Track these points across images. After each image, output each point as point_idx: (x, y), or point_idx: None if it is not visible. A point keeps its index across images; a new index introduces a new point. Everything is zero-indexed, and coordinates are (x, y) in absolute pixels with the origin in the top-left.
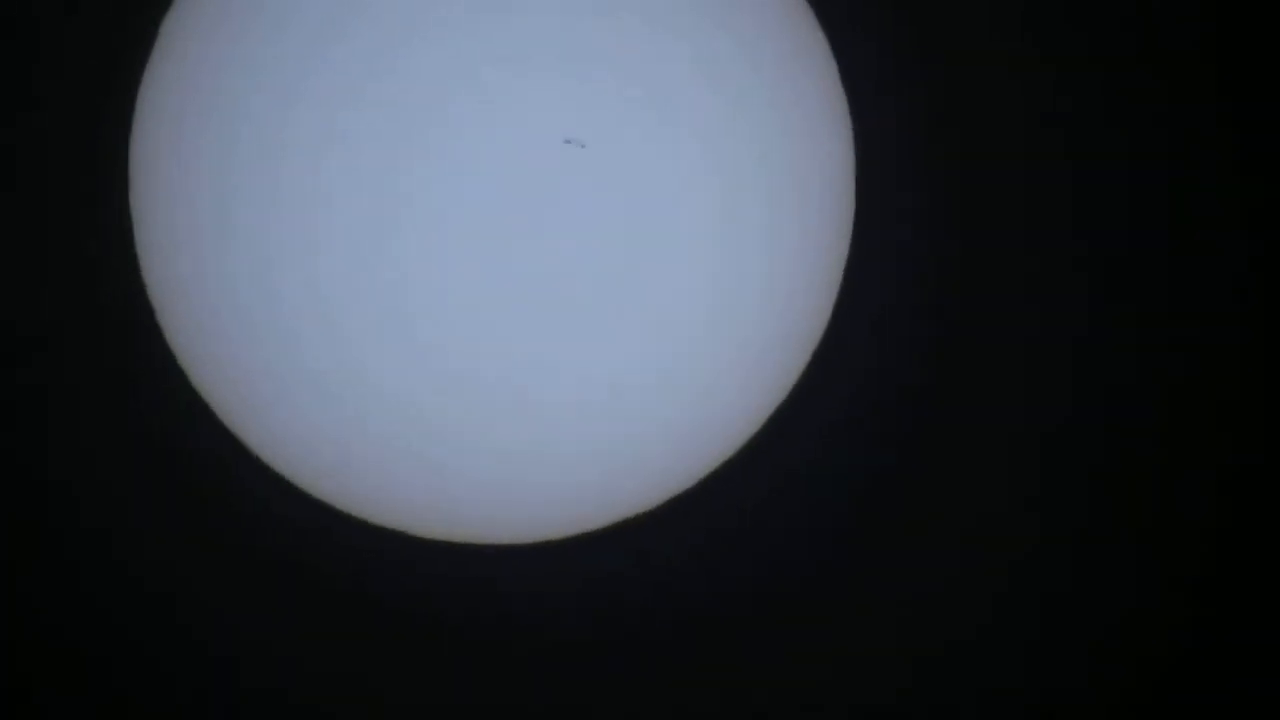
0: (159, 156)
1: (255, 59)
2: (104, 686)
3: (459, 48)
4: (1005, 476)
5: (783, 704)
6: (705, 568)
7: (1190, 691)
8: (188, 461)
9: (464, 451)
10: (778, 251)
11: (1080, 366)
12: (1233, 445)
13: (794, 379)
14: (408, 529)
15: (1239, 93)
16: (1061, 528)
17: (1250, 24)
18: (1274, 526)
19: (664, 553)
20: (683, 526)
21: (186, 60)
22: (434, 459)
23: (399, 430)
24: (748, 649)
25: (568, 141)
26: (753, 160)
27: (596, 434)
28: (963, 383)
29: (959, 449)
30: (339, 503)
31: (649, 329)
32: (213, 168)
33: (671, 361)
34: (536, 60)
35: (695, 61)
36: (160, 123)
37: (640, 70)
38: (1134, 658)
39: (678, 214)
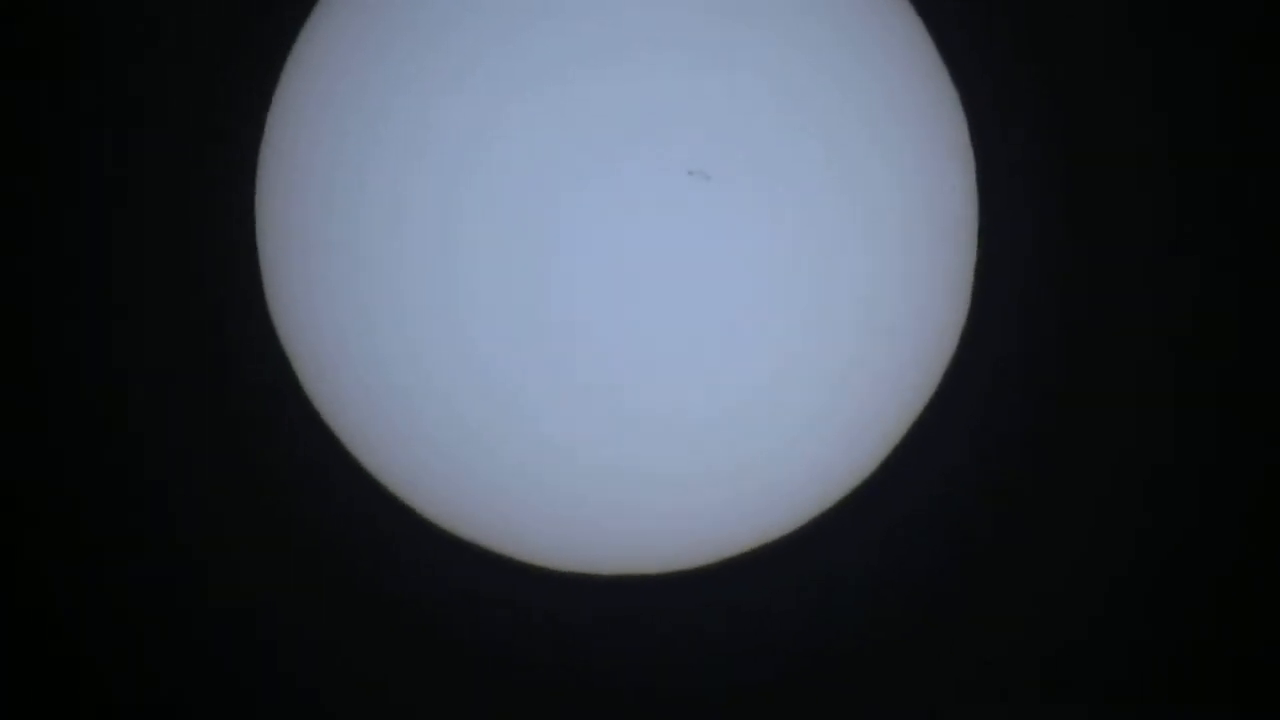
0: (288, 170)
1: (383, 84)
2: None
3: (582, 87)
4: (1137, 500)
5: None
6: (828, 599)
7: None
8: (319, 501)
9: (589, 480)
10: (906, 276)
11: (1213, 374)
12: None
13: (916, 413)
14: (516, 555)
15: None
16: (1202, 557)
17: None
18: None
19: (792, 585)
20: (806, 560)
21: (318, 76)
22: (553, 489)
23: (526, 460)
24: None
25: (692, 173)
26: (876, 185)
27: (721, 463)
28: (1096, 402)
29: (1084, 478)
30: (477, 539)
31: (773, 361)
32: (341, 180)
33: (797, 391)
34: (660, 97)
35: (816, 95)
36: (290, 135)
37: (758, 102)
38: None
39: (804, 242)
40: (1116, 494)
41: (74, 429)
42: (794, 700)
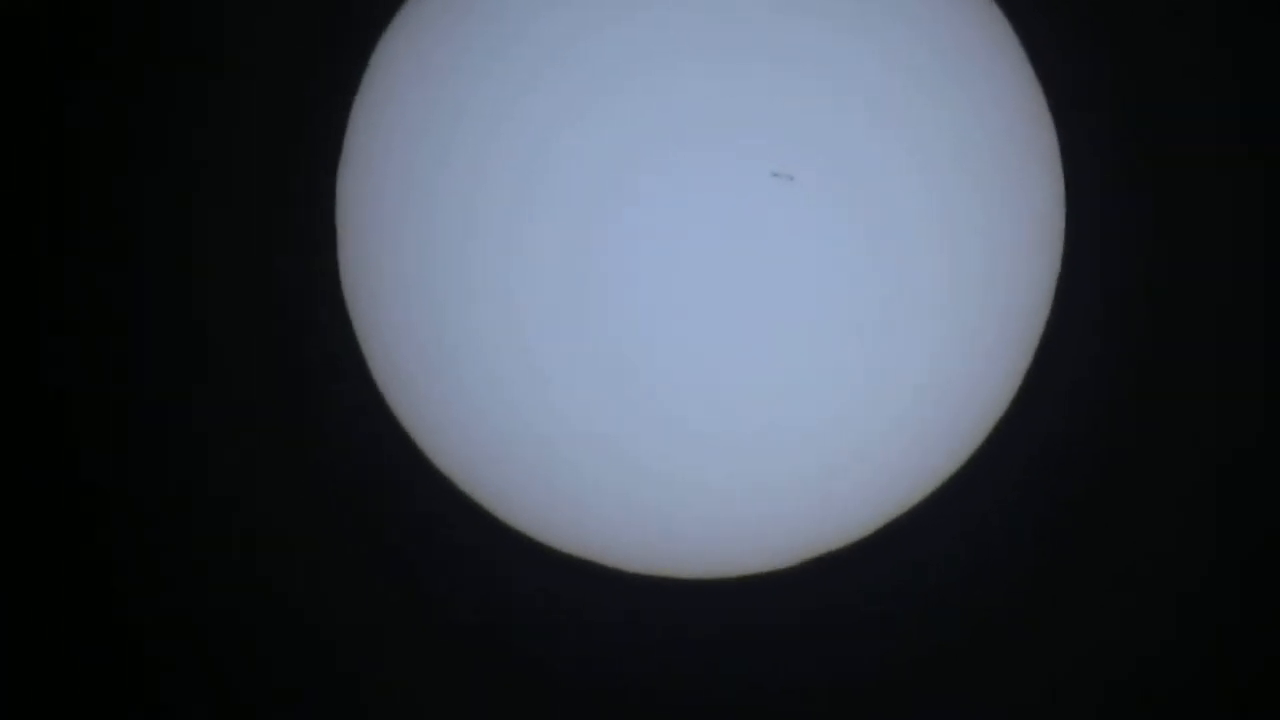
0: (366, 182)
1: (460, 101)
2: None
3: (662, 92)
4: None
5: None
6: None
7: None
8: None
9: (660, 485)
10: (988, 281)
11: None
12: None
13: (994, 420)
14: (593, 557)
15: None
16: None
17: None
18: None
19: (864, 591)
20: (872, 567)
21: (392, 105)
22: (628, 493)
23: (599, 464)
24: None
25: (775, 174)
26: (959, 195)
27: (793, 469)
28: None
29: (1161, 489)
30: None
31: (853, 364)
32: (419, 207)
33: (877, 395)
34: (746, 97)
35: (903, 99)
36: (368, 147)
37: (844, 104)
38: None
39: (887, 244)
40: (1193, 508)
41: (149, 441)
42: (865, 701)
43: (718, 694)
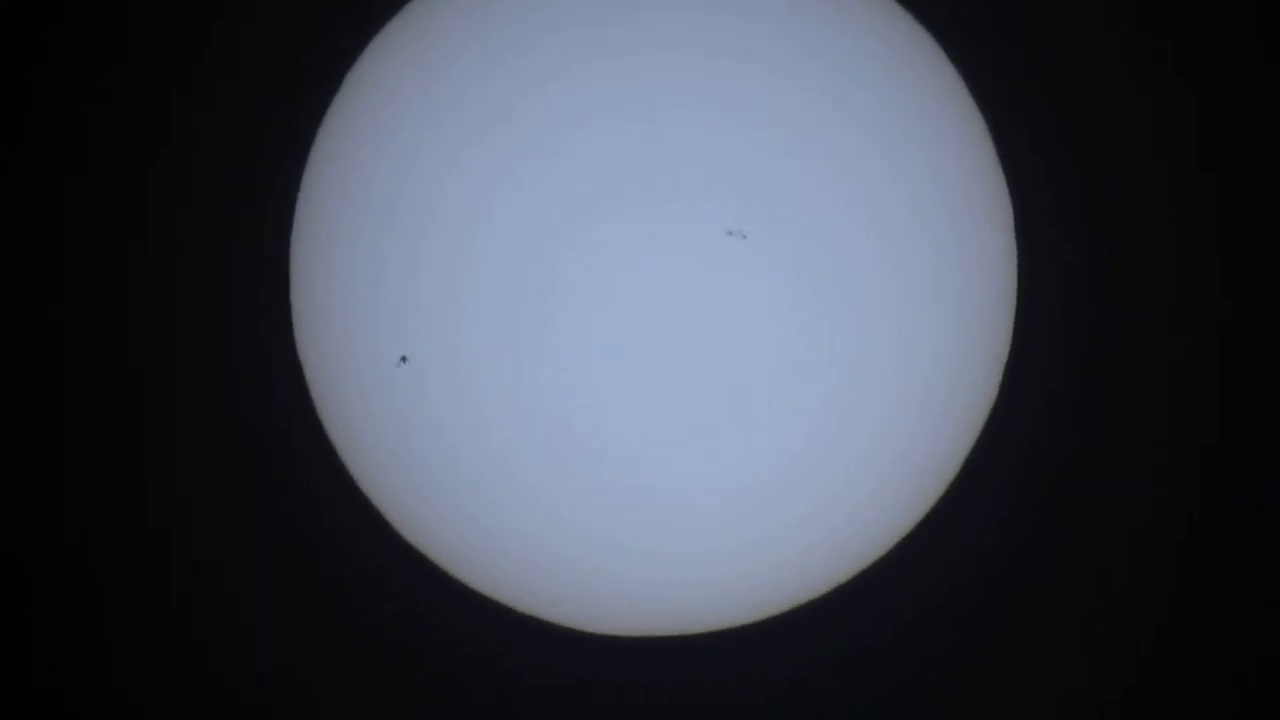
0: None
1: (414, 153)
2: None
3: (615, 150)
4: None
5: None
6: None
7: None
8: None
9: (629, 546)
10: (940, 343)
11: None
12: None
13: (947, 482)
14: (547, 617)
15: None
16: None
17: None
18: None
19: (812, 655)
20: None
21: (343, 161)
22: (597, 557)
23: (546, 522)
24: None
25: (729, 233)
26: (913, 249)
27: (753, 529)
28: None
29: (1116, 550)
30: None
31: (803, 427)
32: (371, 264)
33: (835, 454)
34: (699, 154)
35: (859, 159)
36: (322, 197)
37: (798, 163)
38: None
39: (840, 305)
40: (1147, 573)
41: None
42: None
43: None
